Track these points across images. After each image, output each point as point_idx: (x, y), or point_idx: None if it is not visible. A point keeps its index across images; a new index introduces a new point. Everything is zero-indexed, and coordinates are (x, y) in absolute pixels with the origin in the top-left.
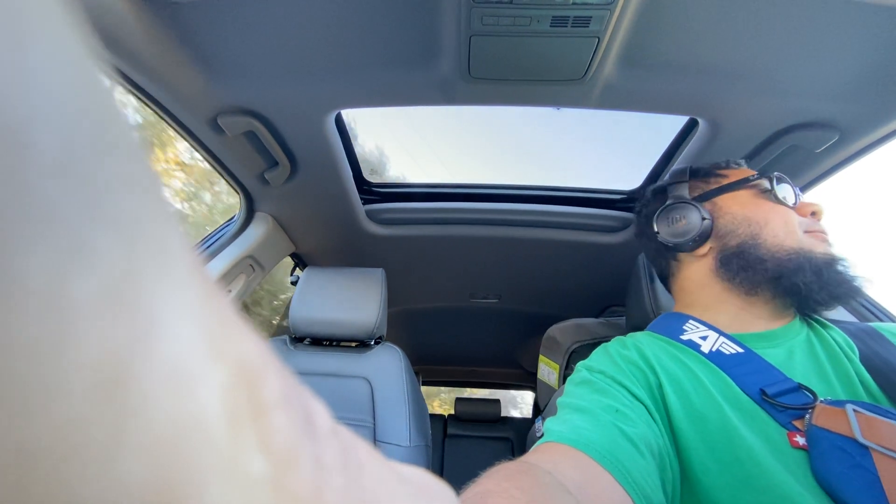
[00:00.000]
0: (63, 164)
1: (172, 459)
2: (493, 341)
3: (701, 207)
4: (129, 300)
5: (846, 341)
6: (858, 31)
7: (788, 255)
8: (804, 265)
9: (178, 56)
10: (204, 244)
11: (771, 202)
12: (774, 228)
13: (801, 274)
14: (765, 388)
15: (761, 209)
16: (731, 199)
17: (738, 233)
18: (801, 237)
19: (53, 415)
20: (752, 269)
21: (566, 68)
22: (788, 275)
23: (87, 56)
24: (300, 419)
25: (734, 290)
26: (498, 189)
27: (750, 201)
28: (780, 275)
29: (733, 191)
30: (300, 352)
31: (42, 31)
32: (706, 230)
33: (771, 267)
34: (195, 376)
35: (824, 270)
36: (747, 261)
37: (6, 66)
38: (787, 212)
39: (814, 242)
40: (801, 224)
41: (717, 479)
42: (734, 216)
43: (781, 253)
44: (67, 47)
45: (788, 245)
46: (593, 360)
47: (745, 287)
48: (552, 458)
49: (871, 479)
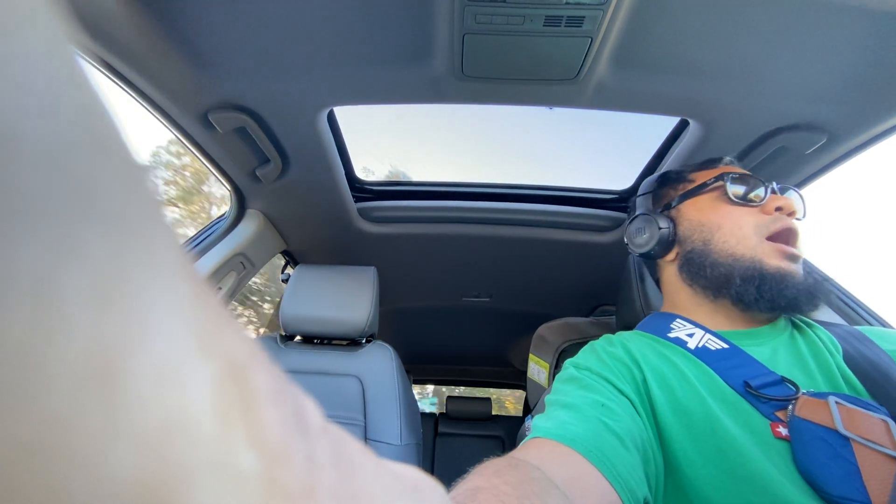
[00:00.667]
0: (51, 159)
1: (162, 455)
2: (485, 340)
3: (658, 217)
4: (117, 296)
5: (831, 340)
6: (845, 34)
7: (738, 261)
8: (751, 275)
9: (168, 50)
10: (194, 241)
11: (729, 205)
12: (726, 234)
13: (745, 284)
14: (749, 380)
15: (717, 213)
16: (692, 205)
17: (692, 239)
18: (755, 244)
19: (43, 410)
20: (704, 275)
21: (559, 68)
22: (735, 282)
23: (76, 52)
24: (291, 415)
25: (700, 293)
26: (490, 188)
27: (708, 206)
28: (728, 282)
29: (695, 196)
30: (291, 350)
31: (29, 26)
32: (664, 238)
33: (721, 273)
34: (184, 372)
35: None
36: (699, 266)
37: None
38: (745, 214)
39: (769, 252)
40: (763, 226)
41: (701, 471)
42: (691, 222)
43: (730, 260)
44: (55, 43)
45: (739, 252)
46: (581, 357)
47: (707, 291)
48: (540, 454)
49: (851, 468)
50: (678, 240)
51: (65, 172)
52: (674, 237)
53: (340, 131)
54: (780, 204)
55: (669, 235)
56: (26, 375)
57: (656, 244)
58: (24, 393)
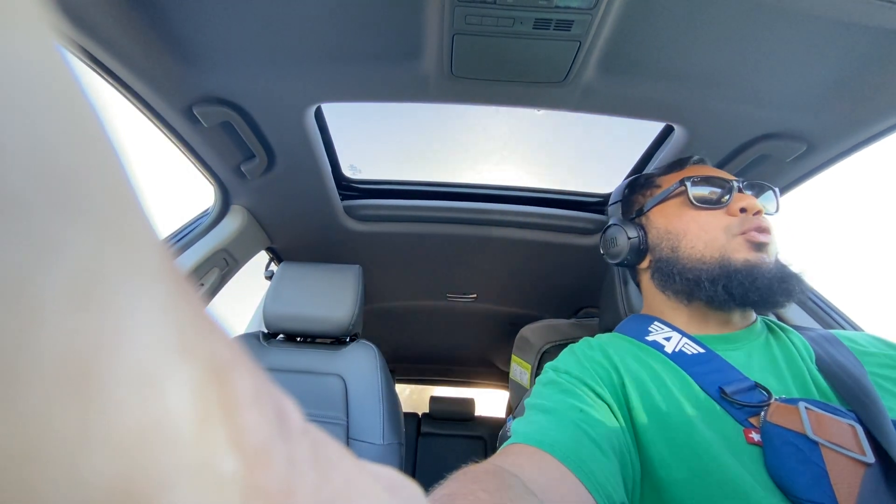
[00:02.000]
0: (31, 157)
1: (140, 458)
2: (469, 340)
3: (627, 226)
4: (95, 295)
5: (804, 345)
6: (825, 46)
7: (706, 265)
8: (720, 275)
9: (153, 42)
10: (176, 236)
11: (693, 209)
12: (692, 240)
13: (713, 286)
14: (723, 386)
15: (682, 219)
16: (659, 212)
17: (661, 247)
18: (723, 243)
19: (16, 413)
20: (675, 281)
21: (547, 70)
22: (704, 286)
23: (57, 45)
24: (272, 417)
25: (674, 298)
26: (476, 189)
27: (673, 212)
28: (698, 286)
29: (661, 202)
30: (273, 348)
31: (7, 19)
32: (635, 247)
33: (690, 278)
34: (163, 373)
35: (736, 279)
36: (670, 273)
37: None
38: (710, 217)
39: (737, 247)
40: (731, 227)
41: (675, 474)
42: (658, 230)
43: (699, 264)
44: (35, 35)
45: (708, 255)
46: (560, 360)
47: (680, 296)
48: (518, 461)
49: (820, 472)
50: (649, 247)
51: (45, 171)
52: (645, 245)
53: (328, 128)
54: (744, 204)
55: (640, 244)
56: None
57: (628, 254)
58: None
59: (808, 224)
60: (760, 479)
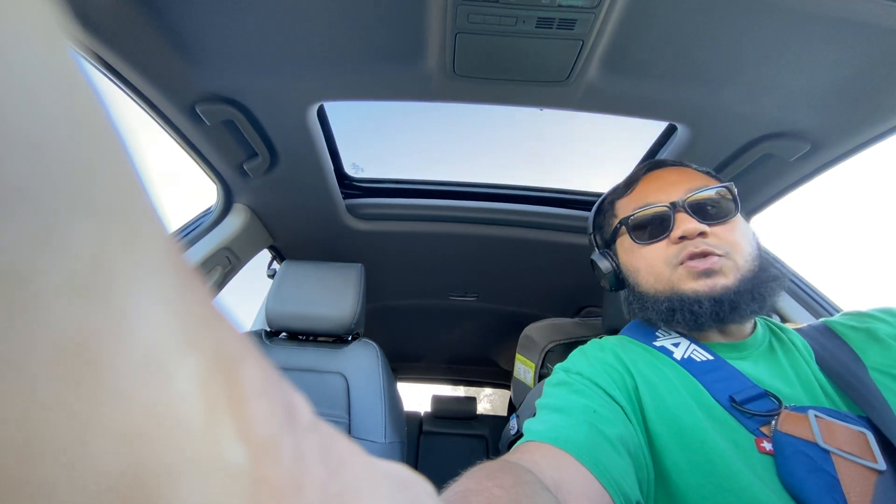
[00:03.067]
0: (37, 148)
1: (146, 448)
2: (471, 339)
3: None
4: (100, 285)
5: (804, 345)
6: (830, 45)
7: (662, 297)
8: (670, 307)
9: (157, 41)
10: (179, 234)
11: (640, 246)
12: (645, 275)
13: (680, 314)
14: (733, 394)
15: (633, 256)
16: (620, 246)
17: (629, 280)
18: (669, 276)
19: (21, 403)
20: (648, 311)
21: (550, 70)
22: (666, 315)
23: (63, 38)
24: (280, 410)
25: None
26: (478, 188)
27: (628, 248)
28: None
29: (617, 238)
30: (275, 346)
31: (14, 12)
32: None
33: (659, 309)
34: (169, 364)
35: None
36: (641, 306)
37: None
38: (655, 251)
39: (683, 276)
40: (672, 257)
41: (689, 479)
42: (623, 264)
43: (656, 297)
44: (42, 29)
45: (660, 288)
46: (570, 361)
47: (661, 323)
48: (532, 458)
49: (832, 481)
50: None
51: (51, 162)
52: (621, 274)
53: (330, 127)
54: (682, 231)
55: (617, 273)
56: (3, 365)
57: (612, 282)
58: (1, 384)
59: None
60: (774, 488)
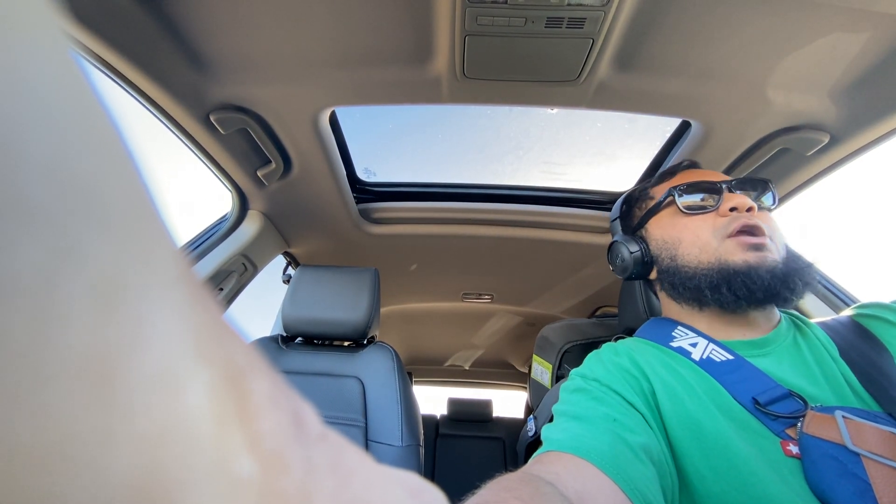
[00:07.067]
0: (53, 166)
1: (159, 459)
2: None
3: (628, 242)
4: (117, 300)
5: (826, 339)
6: (847, 36)
7: (705, 270)
8: (720, 279)
9: (170, 51)
10: (195, 242)
11: (685, 217)
12: (687, 247)
13: (717, 289)
14: (756, 396)
15: (676, 228)
16: (655, 224)
17: (662, 257)
18: (717, 246)
19: (40, 412)
20: (682, 289)
21: (560, 69)
22: (710, 290)
23: (76, 58)
24: (289, 421)
25: (688, 306)
26: (491, 189)
27: (668, 222)
28: (703, 292)
29: (655, 214)
30: (292, 351)
31: (30, 33)
32: (638, 260)
33: (695, 285)
34: (182, 377)
35: (738, 279)
36: (675, 282)
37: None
38: (703, 222)
39: (732, 249)
40: (722, 228)
41: (712, 486)
42: (657, 241)
43: (699, 269)
44: (56, 49)
45: (705, 260)
46: (586, 367)
47: (692, 304)
48: (554, 469)
49: (863, 486)
50: (653, 259)
51: (65, 175)
52: (648, 257)
53: (342, 132)
54: (734, 203)
55: (644, 257)
56: (24, 377)
57: (633, 268)
58: (22, 395)
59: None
60: (802, 492)
